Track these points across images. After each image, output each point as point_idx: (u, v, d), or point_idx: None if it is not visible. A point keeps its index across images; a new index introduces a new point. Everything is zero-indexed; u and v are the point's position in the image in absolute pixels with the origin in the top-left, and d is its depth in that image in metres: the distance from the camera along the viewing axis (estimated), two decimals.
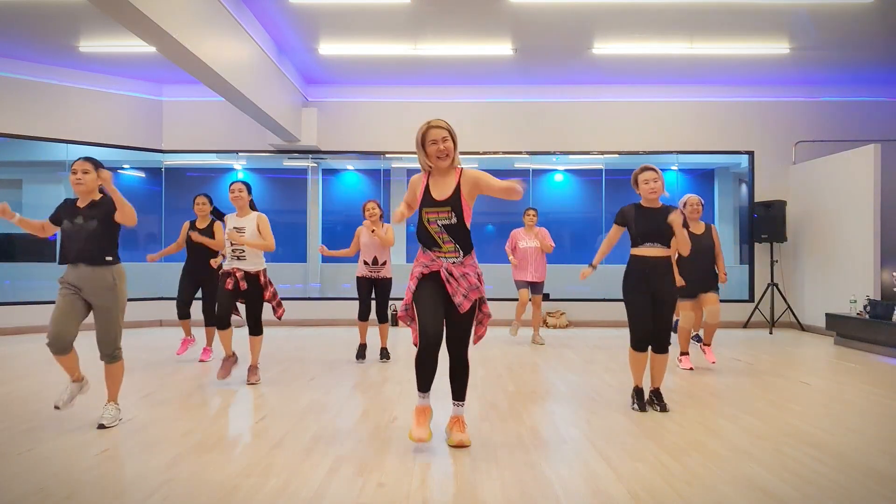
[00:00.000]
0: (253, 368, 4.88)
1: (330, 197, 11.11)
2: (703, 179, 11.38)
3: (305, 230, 10.16)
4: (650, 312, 3.90)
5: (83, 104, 8.29)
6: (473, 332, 3.31)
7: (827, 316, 7.25)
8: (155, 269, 8.84)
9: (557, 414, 3.92)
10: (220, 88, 6.24)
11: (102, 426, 3.49)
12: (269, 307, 4.94)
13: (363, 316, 5.74)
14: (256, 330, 4.84)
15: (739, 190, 10.79)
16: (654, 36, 7.10)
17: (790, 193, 8.70)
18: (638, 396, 3.99)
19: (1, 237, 9.09)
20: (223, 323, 4.76)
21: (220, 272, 4.90)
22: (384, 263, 5.70)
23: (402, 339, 7.34)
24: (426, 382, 3.23)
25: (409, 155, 9.14)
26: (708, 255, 5.44)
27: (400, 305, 3.25)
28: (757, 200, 8.74)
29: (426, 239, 3.17)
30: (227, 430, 3.58)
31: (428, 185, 3.17)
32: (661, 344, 3.92)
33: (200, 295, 5.79)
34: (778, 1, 6.15)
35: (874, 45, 7.25)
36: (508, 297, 7.02)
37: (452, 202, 3.12)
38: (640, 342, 3.93)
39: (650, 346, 3.94)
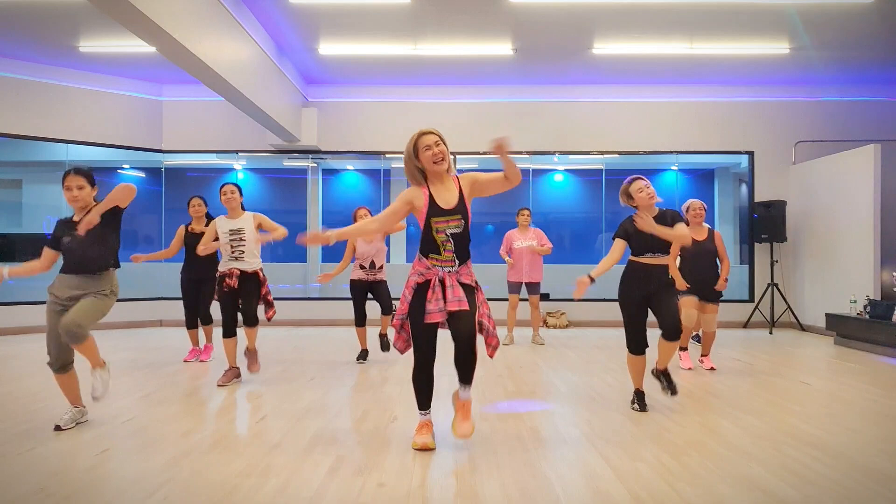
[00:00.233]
0: (251, 353, 4.81)
1: (330, 197, 11.12)
2: (703, 179, 11.38)
3: (305, 230, 10.16)
4: (645, 316, 3.90)
5: (83, 104, 8.29)
6: (486, 342, 3.20)
7: (827, 316, 7.25)
8: (155, 269, 8.84)
9: (557, 414, 3.92)
10: (220, 88, 6.24)
11: (96, 398, 3.54)
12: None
13: (360, 322, 5.72)
14: (251, 322, 4.74)
15: (739, 190, 10.79)
16: (654, 36, 7.10)
17: (790, 193, 8.70)
18: (638, 397, 3.99)
19: (2, 237, 9.09)
20: (229, 330, 4.74)
21: (217, 275, 4.83)
22: (381, 267, 5.70)
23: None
24: (425, 400, 3.23)
25: None
26: (709, 258, 5.44)
27: (398, 311, 3.19)
28: (757, 200, 8.74)
29: (431, 246, 3.12)
30: (226, 430, 3.58)
31: (431, 195, 3.11)
32: (671, 333, 3.81)
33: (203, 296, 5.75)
34: (778, 1, 6.16)
35: (874, 45, 7.24)
36: (507, 297, 7.00)
37: (461, 209, 3.11)
38: (636, 345, 3.92)
39: (661, 335, 3.88)
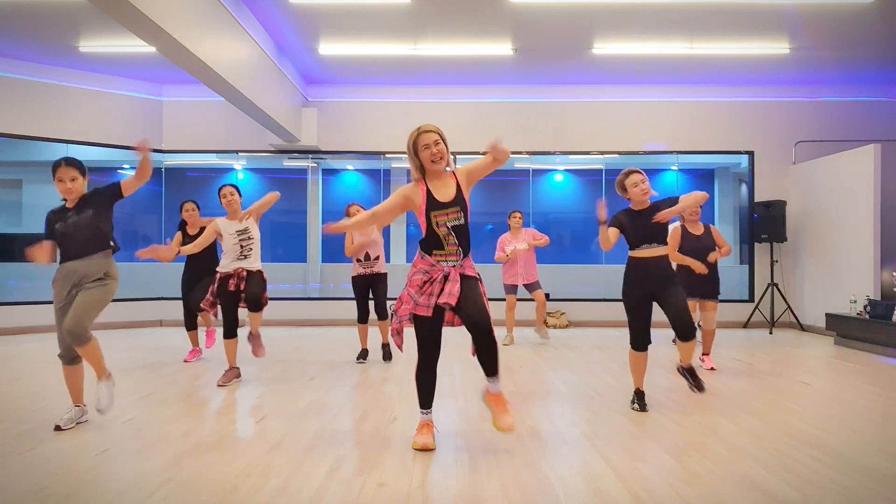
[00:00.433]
0: (255, 338, 4.83)
1: (330, 197, 11.12)
2: (703, 179, 11.38)
3: (305, 230, 10.17)
4: (649, 313, 3.89)
5: (83, 104, 8.29)
6: None
7: (827, 316, 7.25)
8: (155, 269, 8.84)
9: (557, 414, 3.92)
10: (220, 88, 6.24)
11: (101, 411, 3.51)
12: (270, 306, 4.93)
13: (362, 318, 5.72)
14: (256, 306, 4.74)
15: (739, 190, 10.79)
16: (654, 36, 7.10)
17: (790, 193, 8.70)
18: (638, 397, 3.99)
19: (2, 237, 9.09)
20: (230, 331, 4.74)
21: (218, 276, 4.81)
22: (377, 258, 5.68)
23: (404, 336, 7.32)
24: (427, 399, 3.23)
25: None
26: (707, 255, 5.43)
27: (400, 311, 3.13)
28: (757, 200, 8.74)
29: (434, 242, 3.11)
30: (227, 430, 3.58)
31: (429, 189, 3.13)
32: (685, 331, 3.79)
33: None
34: (778, 1, 6.16)
35: (874, 45, 7.24)
36: (503, 297, 6.99)
37: (459, 201, 3.12)
38: (639, 342, 3.92)
39: (676, 335, 3.87)
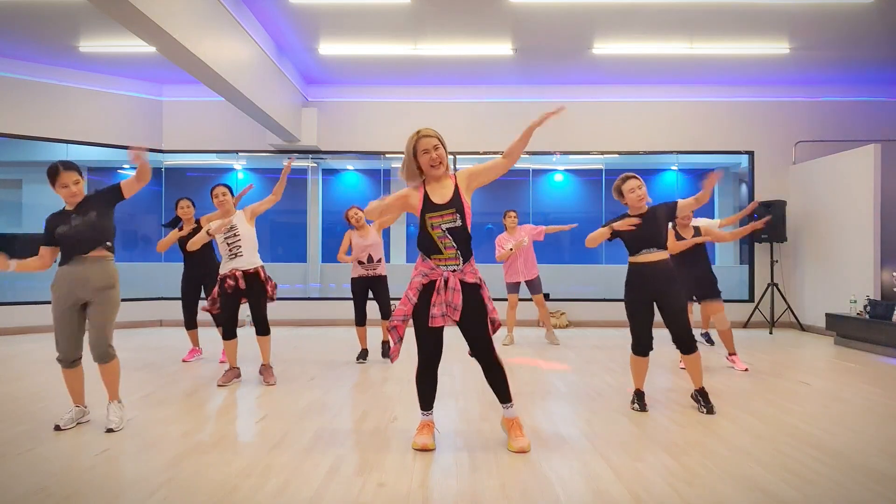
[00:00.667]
0: (267, 368, 4.85)
1: (330, 197, 11.12)
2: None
3: (305, 230, 10.17)
4: (651, 318, 3.89)
5: (83, 104, 8.29)
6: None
7: (827, 316, 7.25)
8: (155, 269, 8.86)
9: (557, 414, 3.92)
10: (220, 88, 6.23)
11: (111, 430, 3.45)
12: (270, 305, 4.92)
13: (360, 321, 5.71)
14: (264, 329, 4.80)
15: (739, 190, 10.79)
16: (654, 36, 7.10)
17: (790, 193, 8.70)
18: (638, 397, 3.99)
19: (2, 237, 9.08)
20: (229, 332, 4.74)
21: (218, 277, 4.83)
22: (379, 261, 5.69)
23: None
24: (428, 401, 3.23)
25: None
26: (701, 255, 5.41)
27: (396, 311, 3.15)
28: (757, 200, 8.73)
29: (429, 245, 3.12)
30: (226, 430, 3.58)
31: (426, 192, 3.13)
32: (686, 344, 3.84)
33: (204, 295, 5.74)
34: (778, 1, 6.16)
35: (874, 45, 7.24)
36: (505, 296, 6.99)
37: (455, 203, 3.11)
38: (640, 347, 3.92)
39: (677, 348, 3.89)
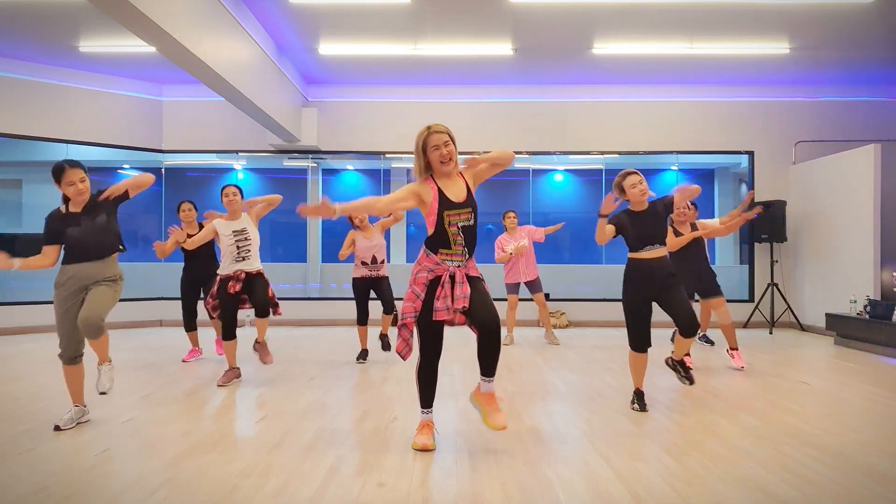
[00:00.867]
0: (262, 346, 4.84)
1: (330, 197, 10.93)
2: (703, 179, 11.37)
3: (305, 230, 10.17)
4: (650, 314, 3.89)
5: (83, 104, 8.28)
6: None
7: (827, 316, 7.24)
8: (155, 269, 8.85)
9: (557, 414, 3.92)
10: (220, 88, 6.23)
11: (104, 393, 3.55)
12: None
13: (363, 321, 5.70)
14: (263, 312, 4.75)
15: (739, 190, 10.79)
16: (654, 36, 7.10)
17: (790, 193, 8.70)
18: (638, 397, 3.98)
19: (2, 237, 9.08)
20: (228, 332, 4.74)
21: (218, 278, 4.81)
22: (382, 262, 5.69)
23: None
24: (428, 398, 3.23)
25: (408, 155, 9.12)
26: (699, 250, 5.40)
27: (404, 308, 3.11)
28: (757, 200, 8.73)
29: (442, 241, 3.09)
30: (226, 430, 3.58)
31: (440, 189, 3.12)
32: (690, 329, 3.81)
33: (203, 296, 5.75)
34: (778, 1, 6.16)
35: (874, 45, 7.24)
36: (505, 297, 6.99)
37: (471, 202, 3.13)
38: (639, 343, 3.91)
39: (678, 331, 3.88)
